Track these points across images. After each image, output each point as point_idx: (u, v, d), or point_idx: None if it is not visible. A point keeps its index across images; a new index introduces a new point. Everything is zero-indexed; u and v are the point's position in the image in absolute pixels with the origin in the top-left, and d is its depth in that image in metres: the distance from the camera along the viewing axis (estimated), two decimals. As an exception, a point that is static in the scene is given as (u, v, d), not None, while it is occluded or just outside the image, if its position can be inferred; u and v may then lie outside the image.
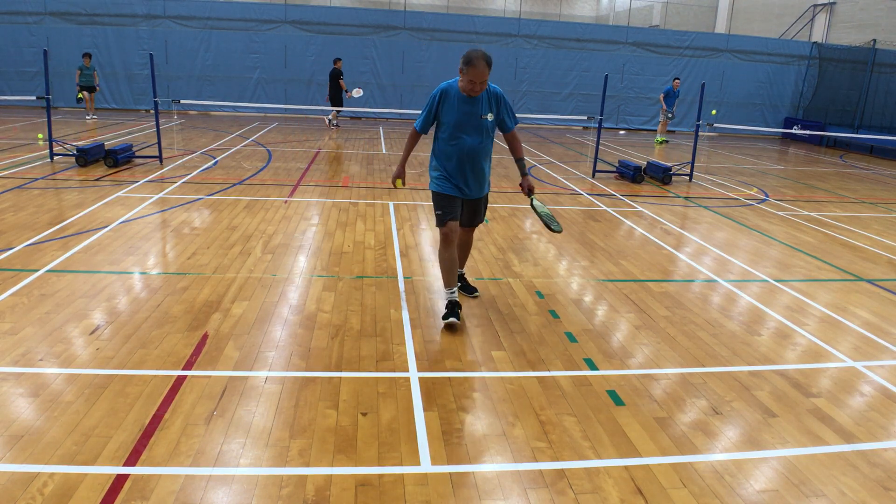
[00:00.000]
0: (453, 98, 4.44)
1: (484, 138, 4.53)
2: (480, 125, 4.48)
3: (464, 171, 4.55)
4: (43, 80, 10.73)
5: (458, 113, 4.43)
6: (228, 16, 19.40)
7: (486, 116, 4.46)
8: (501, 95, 4.55)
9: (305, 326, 4.51)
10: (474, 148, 4.50)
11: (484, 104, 4.45)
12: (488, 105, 4.47)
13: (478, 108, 4.44)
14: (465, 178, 4.57)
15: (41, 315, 4.46)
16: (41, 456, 2.93)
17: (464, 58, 4.25)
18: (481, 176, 4.65)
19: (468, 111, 4.43)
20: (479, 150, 4.53)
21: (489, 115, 4.47)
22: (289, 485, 2.83)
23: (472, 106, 4.43)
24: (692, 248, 7.22)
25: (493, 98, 4.50)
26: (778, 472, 3.12)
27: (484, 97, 4.44)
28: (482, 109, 4.45)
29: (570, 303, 5.26)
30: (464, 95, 4.40)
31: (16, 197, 7.85)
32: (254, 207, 7.88)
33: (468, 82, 4.28)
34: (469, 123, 4.46)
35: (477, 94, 4.36)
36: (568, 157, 14.25)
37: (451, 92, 4.44)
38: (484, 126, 4.49)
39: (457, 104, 4.43)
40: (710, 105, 21.05)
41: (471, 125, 4.47)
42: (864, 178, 13.82)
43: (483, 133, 4.51)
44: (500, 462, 3.07)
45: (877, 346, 4.74)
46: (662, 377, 4.05)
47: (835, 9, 21.78)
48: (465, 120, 4.45)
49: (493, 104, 4.51)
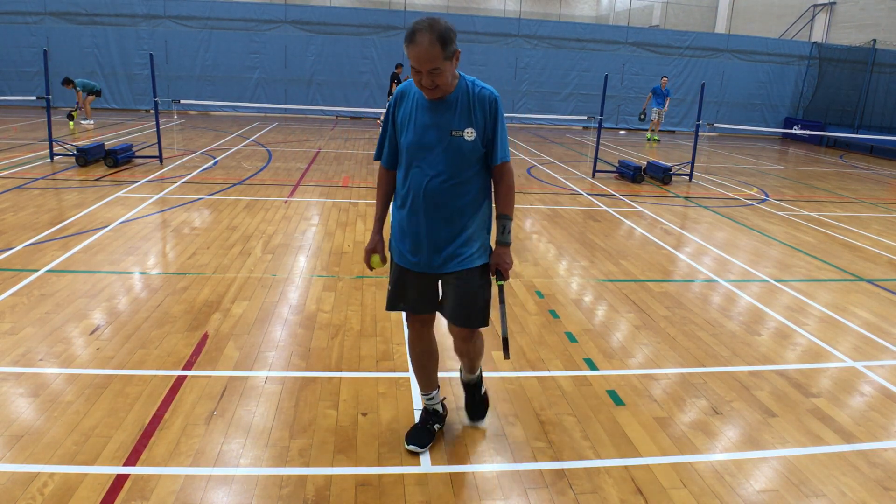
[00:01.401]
0: (411, 103, 2.78)
1: (456, 170, 2.73)
2: (450, 147, 2.71)
3: (414, 226, 2.82)
4: (43, 80, 10.73)
5: (416, 126, 2.75)
6: (228, 16, 19.40)
7: (460, 133, 2.70)
8: (494, 102, 2.75)
9: (305, 326, 4.50)
10: (434, 189, 2.73)
11: (459, 113, 2.71)
12: (468, 115, 2.71)
13: (447, 118, 2.71)
14: (415, 238, 2.83)
15: (41, 315, 4.46)
16: (41, 456, 2.93)
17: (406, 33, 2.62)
18: (447, 236, 2.80)
19: (430, 123, 2.72)
20: (442, 192, 2.74)
21: (468, 132, 2.70)
22: (289, 485, 2.83)
23: (438, 115, 2.72)
24: (692, 248, 7.22)
25: (476, 104, 2.72)
26: (778, 472, 3.12)
27: (461, 102, 2.72)
28: (454, 121, 2.71)
29: (570, 303, 5.26)
30: (426, 99, 2.74)
31: (16, 197, 7.85)
32: (254, 207, 7.88)
33: (412, 72, 2.62)
34: (428, 144, 2.72)
35: (436, 96, 2.68)
36: (568, 157, 14.25)
37: (410, 94, 2.80)
38: (456, 149, 2.71)
39: (415, 113, 2.76)
40: (711, 105, 21.08)
41: (432, 147, 2.72)
42: (864, 178, 13.82)
43: (454, 161, 2.72)
44: (500, 462, 3.07)
45: (877, 346, 4.74)
46: (662, 377, 4.05)
47: (835, 9, 21.78)
48: (424, 138, 2.73)
49: (478, 115, 2.72)
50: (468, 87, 2.75)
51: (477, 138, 2.74)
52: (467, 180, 2.79)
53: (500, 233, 2.88)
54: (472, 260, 2.87)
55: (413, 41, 2.54)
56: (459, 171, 2.75)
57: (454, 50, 2.61)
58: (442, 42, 2.55)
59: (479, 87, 2.76)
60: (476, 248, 2.88)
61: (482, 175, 2.86)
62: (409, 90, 2.80)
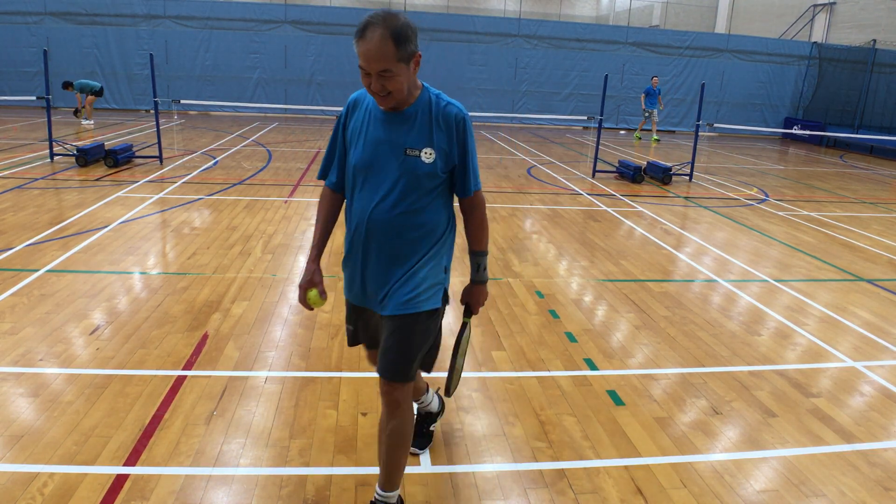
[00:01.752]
0: (364, 114, 2.37)
1: (409, 197, 2.29)
2: (403, 169, 2.28)
3: (354, 259, 2.42)
4: (43, 80, 10.73)
5: (366, 142, 2.32)
6: (228, 16, 19.40)
7: (416, 152, 2.27)
8: (462, 121, 2.31)
9: (305, 326, 4.50)
10: (381, 217, 2.30)
11: (417, 129, 2.29)
12: (427, 132, 2.28)
13: (401, 133, 2.29)
14: (361, 271, 2.42)
15: (41, 315, 4.46)
16: (41, 456, 2.93)
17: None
18: (393, 274, 2.37)
19: (382, 138, 2.30)
20: (390, 221, 2.30)
21: (426, 153, 2.27)
22: (289, 485, 2.83)
23: (392, 130, 2.29)
24: (692, 248, 7.22)
25: (441, 122, 2.29)
26: (778, 472, 3.12)
27: (420, 117, 2.29)
28: (410, 138, 2.28)
29: (570, 303, 5.26)
30: (381, 110, 2.32)
31: (16, 197, 7.85)
32: (254, 207, 7.88)
33: (361, 74, 2.19)
34: (378, 163, 2.30)
35: (390, 105, 2.26)
36: (568, 157, 14.25)
37: (364, 104, 2.38)
38: (410, 171, 2.28)
39: (367, 126, 2.34)
40: (711, 105, 21.08)
41: (382, 167, 2.30)
42: (864, 178, 13.82)
43: (407, 185, 2.28)
44: (500, 462, 3.07)
45: (877, 346, 4.74)
46: (662, 377, 4.05)
47: (835, 9, 21.78)
48: (374, 156, 2.31)
49: (441, 135, 2.29)
50: (431, 100, 2.31)
51: (437, 161, 2.29)
52: (421, 209, 2.32)
53: (475, 271, 2.55)
54: (416, 304, 2.38)
55: (363, 36, 2.12)
56: (413, 197, 2.30)
57: (412, 51, 2.18)
58: (396, 39, 2.11)
59: (444, 102, 2.32)
60: (425, 289, 2.38)
61: (443, 204, 2.39)
62: (364, 98, 2.38)
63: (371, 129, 2.32)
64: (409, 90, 2.28)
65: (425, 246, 2.38)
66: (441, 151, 2.30)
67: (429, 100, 2.32)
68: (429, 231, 2.37)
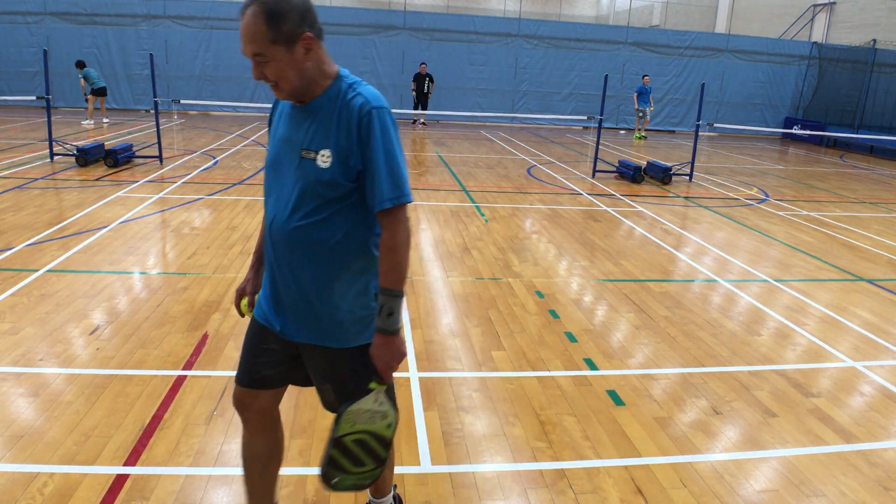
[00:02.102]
0: (279, 109, 2.10)
1: (309, 205, 1.93)
2: (299, 173, 1.93)
3: (268, 270, 2.09)
4: (43, 80, 10.73)
5: (275, 140, 2.05)
6: (228, 16, 19.40)
7: (312, 155, 1.91)
8: (367, 115, 1.88)
9: (305, 326, 4.50)
10: (280, 226, 1.97)
11: (317, 127, 1.92)
12: (327, 130, 1.90)
13: (301, 131, 1.95)
14: (273, 288, 2.08)
15: (41, 315, 4.46)
16: (41, 456, 2.93)
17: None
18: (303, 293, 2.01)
19: (286, 137, 2.00)
20: (291, 233, 1.95)
21: (322, 155, 1.89)
22: (289, 485, 2.83)
23: (295, 127, 1.97)
24: (692, 247, 7.22)
25: (344, 115, 1.89)
26: (778, 472, 3.12)
27: (324, 112, 1.92)
28: (308, 137, 1.93)
29: (570, 303, 5.26)
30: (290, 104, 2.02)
31: (16, 197, 7.85)
32: (254, 207, 7.88)
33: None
34: (280, 165, 2.00)
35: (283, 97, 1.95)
36: (568, 157, 14.25)
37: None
38: (306, 176, 1.92)
39: (279, 122, 2.07)
40: (711, 105, 21.07)
41: (283, 170, 1.99)
42: (864, 178, 13.82)
43: (306, 193, 1.93)
44: (500, 462, 3.07)
45: (877, 346, 4.74)
46: (662, 377, 4.05)
47: (835, 9, 21.78)
48: (278, 156, 2.01)
49: (342, 132, 1.89)
50: (341, 91, 1.91)
51: (335, 165, 1.87)
52: (326, 221, 1.93)
53: (378, 315, 1.95)
54: (338, 337, 2.03)
55: (241, 15, 1.85)
56: (311, 207, 1.92)
57: (294, 32, 1.82)
58: (268, 17, 1.78)
59: (353, 93, 1.89)
60: (347, 322, 2.02)
61: (358, 217, 1.95)
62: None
63: (281, 125, 2.03)
64: (314, 79, 1.91)
65: (336, 266, 1.96)
66: (341, 154, 1.88)
67: (339, 91, 1.92)
68: (338, 248, 1.95)
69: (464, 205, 8.67)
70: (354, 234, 1.97)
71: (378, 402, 1.99)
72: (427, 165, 12.24)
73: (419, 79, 18.30)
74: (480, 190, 9.81)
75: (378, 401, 1.99)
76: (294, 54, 1.85)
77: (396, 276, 1.92)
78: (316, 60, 1.90)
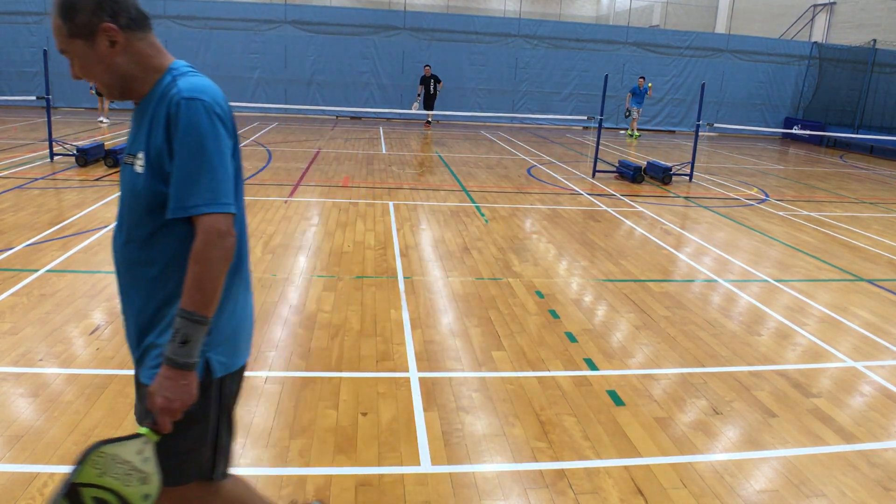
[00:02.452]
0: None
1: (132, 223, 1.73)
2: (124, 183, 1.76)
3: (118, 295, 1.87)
4: (43, 80, 10.73)
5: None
6: (228, 16, 19.40)
7: (132, 160, 1.71)
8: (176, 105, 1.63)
9: (305, 326, 4.50)
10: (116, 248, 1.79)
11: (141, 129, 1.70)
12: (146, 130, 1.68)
13: (131, 136, 1.77)
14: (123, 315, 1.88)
15: (41, 315, 4.46)
16: (41, 456, 2.92)
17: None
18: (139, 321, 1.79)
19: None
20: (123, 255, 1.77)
21: (139, 159, 1.68)
22: (289, 485, 2.83)
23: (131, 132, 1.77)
24: (692, 248, 7.22)
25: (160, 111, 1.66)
26: (778, 472, 3.12)
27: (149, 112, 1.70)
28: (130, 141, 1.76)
29: (570, 303, 5.26)
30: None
31: (16, 197, 7.85)
32: (254, 207, 7.88)
33: None
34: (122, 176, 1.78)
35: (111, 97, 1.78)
36: (568, 157, 14.25)
37: None
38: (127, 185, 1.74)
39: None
40: (711, 105, 21.07)
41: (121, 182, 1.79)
42: (864, 178, 13.82)
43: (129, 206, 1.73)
44: (500, 462, 3.07)
45: (877, 346, 4.74)
46: (662, 377, 4.05)
47: (835, 9, 21.78)
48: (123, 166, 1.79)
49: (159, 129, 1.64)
50: (163, 86, 1.69)
51: (146, 170, 1.65)
52: (147, 241, 1.69)
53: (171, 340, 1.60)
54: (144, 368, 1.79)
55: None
56: (135, 221, 1.70)
57: (91, 24, 1.62)
58: (61, 11, 1.62)
59: (175, 87, 1.66)
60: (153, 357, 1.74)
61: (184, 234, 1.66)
62: None
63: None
64: (134, 76, 1.70)
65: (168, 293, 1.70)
66: (153, 156, 1.63)
67: (162, 86, 1.69)
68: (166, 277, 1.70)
69: (464, 205, 8.67)
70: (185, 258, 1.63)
71: (142, 457, 1.53)
72: (427, 165, 12.24)
73: (425, 81, 18.28)
74: (480, 190, 9.81)
75: (143, 454, 1.54)
76: (96, 48, 1.65)
77: (200, 296, 1.60)
78: (132, 54, 1.68)
